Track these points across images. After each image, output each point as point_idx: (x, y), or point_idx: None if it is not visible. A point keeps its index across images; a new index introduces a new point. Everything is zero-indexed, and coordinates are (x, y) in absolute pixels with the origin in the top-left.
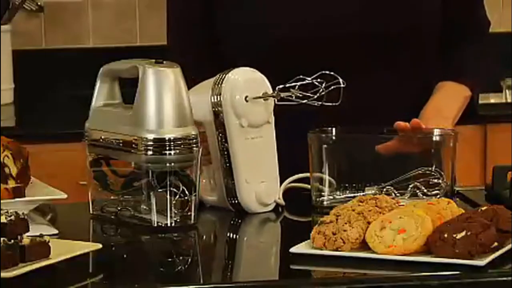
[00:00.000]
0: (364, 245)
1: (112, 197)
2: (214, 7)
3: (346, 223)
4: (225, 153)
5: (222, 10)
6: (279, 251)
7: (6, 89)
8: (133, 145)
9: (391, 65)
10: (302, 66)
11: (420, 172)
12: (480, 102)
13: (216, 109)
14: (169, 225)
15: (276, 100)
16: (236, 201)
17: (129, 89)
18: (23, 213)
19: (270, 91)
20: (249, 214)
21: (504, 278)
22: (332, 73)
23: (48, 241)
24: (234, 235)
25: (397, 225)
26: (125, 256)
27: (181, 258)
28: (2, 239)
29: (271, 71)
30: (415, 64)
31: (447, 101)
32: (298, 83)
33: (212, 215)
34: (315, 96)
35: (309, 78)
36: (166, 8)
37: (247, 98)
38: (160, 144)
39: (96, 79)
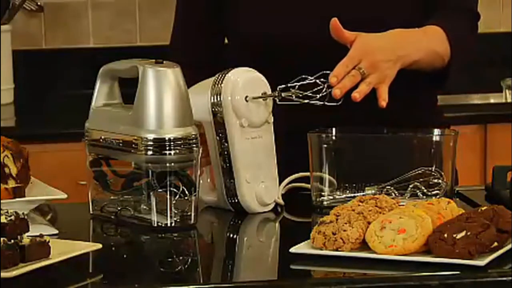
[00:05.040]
0: (364, 245)
1: (112, 197)
2: (219, 10)
3: (346, 223)
4: (225, 153)
5: (226, 12)
6: (279, 251)
7: (6, 89)
8: (133, 145)
9: None
10: (302, 68)
11: (420, 172)
12: (480, 102)
13: (215, 109)
14: (169, 225)
15: (277, 100)
16: (236, 201)
17: (129, 89)
18: (23, 213)
19: (269, 91)
20: (249, 214)
21: (504, 278)
22: None
23: (48, 241)
24: (234, 235)
25: (397, 225)
26: (125, 256)
27: (181, 258)
28: (2, 239)
29: (271, 71)
30: (415, 70)
31: (413, 44)
32: (300, 83)
33: (212, 215)
34: (318, 96)
35: (312, 78)
36: (175, 9)
37: (247, 98)
38: (160, 144)
39: (96, 79)
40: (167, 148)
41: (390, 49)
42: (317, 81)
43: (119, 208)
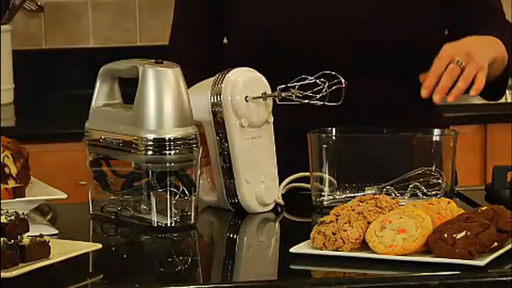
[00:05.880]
0: (364, 245)
1: (112, 197)
2: (218, 8)
3: (346, 223)
4: (225, 153)
5: (225, 11)
6: (279, 251)
7: (6, 89)
8: (133, 145)
9: (391, 70)
10: (302, 67)
11: (420, 172)
12: (480, 102)
13: (215, 109)
14: (169, 225)
15: (277, 100)
16: (236, 201)
17: (129, 89)
18: (23, 213)
19: (269, 91)
20: (249, 214)
21: (504, 278)
22: (333, 73)
23: (48, 241)
24: (234, 235)
25: (397, 225)
26: (125, 256)
27: (181, 258)
28: (2, 239)
29: (271, 71)
30: (415, 70)
31: (478, 47)
32: (300, 83)
33: (212, 215)
34: (318, 96)
35: (312, 78)
36: (174, 7)
37: (247, 98)
38: (160, 144)
39: (96, 79)
40: (167, 148)
41: (476, 44)
42: (317, 81)
43: (119, 208)
